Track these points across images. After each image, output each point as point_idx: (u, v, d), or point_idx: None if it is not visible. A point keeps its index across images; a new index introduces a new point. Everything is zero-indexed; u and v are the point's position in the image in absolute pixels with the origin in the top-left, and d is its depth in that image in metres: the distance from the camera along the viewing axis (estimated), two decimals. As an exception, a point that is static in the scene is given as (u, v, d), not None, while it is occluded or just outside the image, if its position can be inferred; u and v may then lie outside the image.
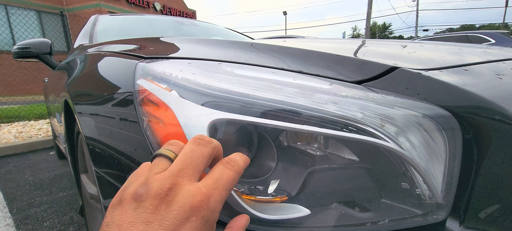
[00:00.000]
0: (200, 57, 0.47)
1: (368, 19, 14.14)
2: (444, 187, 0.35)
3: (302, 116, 0.34)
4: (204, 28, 2.08)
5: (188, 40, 0.69)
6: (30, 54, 1.55)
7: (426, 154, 0.34)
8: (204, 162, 0.26)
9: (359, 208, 0.36)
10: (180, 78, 0.38)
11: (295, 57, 0.46)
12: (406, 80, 0.37)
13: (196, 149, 0.26)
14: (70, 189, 2.00)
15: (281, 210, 0.34)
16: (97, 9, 11.42)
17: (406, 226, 0.35)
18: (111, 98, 0.49)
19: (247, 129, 0.36)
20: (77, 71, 0.85)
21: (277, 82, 0.37)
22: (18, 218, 1.60)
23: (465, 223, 0.35)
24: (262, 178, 0.37)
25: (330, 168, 0.37)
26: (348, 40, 0.82)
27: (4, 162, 2.74)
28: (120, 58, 0.57)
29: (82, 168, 0.98)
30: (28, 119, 4.69)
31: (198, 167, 0.25)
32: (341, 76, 0.39)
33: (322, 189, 0.37)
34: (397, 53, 0.55)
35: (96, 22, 1.66)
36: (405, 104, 0.35)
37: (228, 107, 0.34)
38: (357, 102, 0.34)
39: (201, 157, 0.26)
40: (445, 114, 0.34)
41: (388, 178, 0.36)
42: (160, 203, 0.21)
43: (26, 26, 9.55)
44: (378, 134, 0.33)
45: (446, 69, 0.41)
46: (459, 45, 0.73)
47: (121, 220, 0.21)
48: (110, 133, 0.47)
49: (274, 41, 0.67)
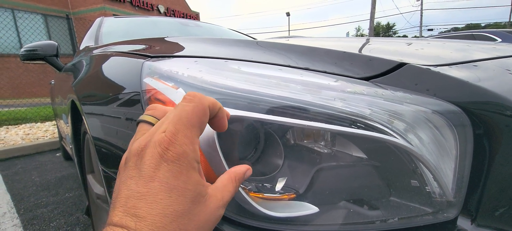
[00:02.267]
0: (206, 55, 0.47)
1: (372, 19, 14.06)
2: (455, 185, 0.34)
3: (310, 113, 0.33)
4: (208, 29, 2.09)
5: (193, 40, 0.69)
6: (37, 56, 1.57)
7: (436, 151, 0.33)
8: (186, 116, 0.26)
9: (367, 206, 0.35)
10: (187, 76, 0.38)
11: (302, 55, 0.46)
12: (415, 76, 0.36)
13: (174, 111, 0.27)
14: (76, 189, 2.02)
15: (289, 207, 0.34)
16: (102, 12, 11.54)
17: (416, 224, 0.34)
18: (118, 97, 0.49)
19: (254, 126, 0.36)
20: (83, 72, 0.85)
21: (284, 79, 0.36)
22: (25, 218, 1.62)
23: (477, 221, 0.34)
24: (270, 175, 0.37)
25: (338, 166, 0.37)
26: (354, 38, 0.81)
27: (12, 163, 2.77)
28: (126, 57, 0.58)
29: (88, 168, 0.99)
30: (34, 120, 4.75)
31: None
32: (349, 72, 0.39)
33: (330, 187, 0.36)
34: (404, 51, 0.54)
35: (101, 24, 1.67)
36: (414, 100, 0.34)
37: (235, 104, 0.34)
38: (365, 99, 0.34)
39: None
40: (455, 110, 0.34)
41: (397, 175, 0.36)
42: (137, 159, 0.24)
43: (33, 30, 9.68)
44: (387, 130, 0.33)
45: (455, 65, 0.41)
46: (467, 42, 0.72)
47: (118, 183, 0.24)
48: (117, 132, 0.47)
49: (280, 39, 0.67)
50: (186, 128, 0.25)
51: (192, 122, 0.25)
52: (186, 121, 0.25)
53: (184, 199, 0.23)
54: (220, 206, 0.26)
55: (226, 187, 0.28)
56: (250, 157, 0.38)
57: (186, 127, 0.25)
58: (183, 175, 0.23)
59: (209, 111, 0.27)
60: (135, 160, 0.24)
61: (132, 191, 0.22)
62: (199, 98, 0.27)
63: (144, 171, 0.23)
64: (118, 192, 0.23)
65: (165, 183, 0.22)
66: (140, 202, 0.22)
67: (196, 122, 0.26)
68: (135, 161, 0.24)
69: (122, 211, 0.21)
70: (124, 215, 0.21)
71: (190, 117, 0.25)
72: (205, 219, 0.24)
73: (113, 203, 0.23)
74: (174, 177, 0.23)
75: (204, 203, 0.25)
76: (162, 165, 0.23)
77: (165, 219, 0.21)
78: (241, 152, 0.37)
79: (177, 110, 0.26)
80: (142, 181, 0.23)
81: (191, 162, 0.24)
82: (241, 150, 0.36)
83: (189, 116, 0.25)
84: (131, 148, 0.25)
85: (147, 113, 0.30)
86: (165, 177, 0.23)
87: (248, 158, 0.38)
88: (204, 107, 0.27)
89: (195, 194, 0.24)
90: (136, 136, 0.28)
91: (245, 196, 0.32)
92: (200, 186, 0.25)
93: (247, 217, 0.33)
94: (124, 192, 0.23)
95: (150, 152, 0.24)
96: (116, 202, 0.22)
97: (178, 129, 0.24)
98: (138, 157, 0.24)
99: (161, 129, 0.25)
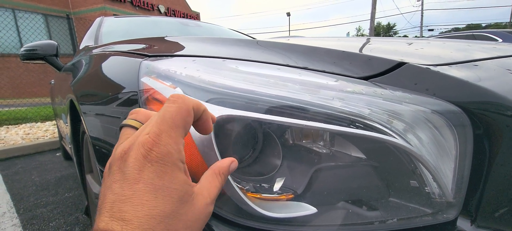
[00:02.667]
0: (204, 54, 0.47)
1: (372, 20, 14.05)
2: (454, 185, 0.34)
3: (308, 112, 0.33)
4: (209, 29, 2.09)
5: (192, 39, 0.69)
6: (37, 56, 1.57)
7: (436, 151, 0.33)
8: (170, 117, 0.26)
9: (366, 206, 0.35)
10: (185, 76, 0.38)
11: (301, 54, 0.46)
12: (414, 76, 0.36)
13: (158, 113, 0.27)
14: (76, 189, 2.02)
15: (287, 208, 0.33)
16: (103, 12, 11.55)
17: (415, 225, 0.34)
18: (115, 97, 0.49)
19: (252, 126, 0.36)
20: (82, 71, 0.85)
21: (282, 79, 0.36)
22: (25, 218, 1.62)
23: (477, 222, 0.34)
24: (268, 175, 0.37)
25: (336, 166, 0.37)
26: (354, 38, 0.81)
27: (12, 163, 2.78)
28: (124, 57, 0.57)
29: (87, 168, 0.98)
30: (35, 120, 4.76)
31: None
32: (348, 72, 0.39)
33: (328, 187, 0.36)
34: (404, 50, 0.54)
35: (101, 24, 1.67)
36: (413, 100, 0.34)
37: (233, 104, 0.34)
38: (364, 98, 0.34)
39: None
40: (455, 110, 0.33)
41: (396, 176, 0.35)
42: (121, 162, 0.24)
43: (33, 30, 9.70)
44: (386, 130, 0.32)
45: (455, 64, 0.40)
46: (467, 41, 0.72)
47: (104, 189, 0.24)
48: (115, 132, 0.47)
49: (279, 39, 0.66)
50: (170, 128, 0.25)
51: (176, 122, 0.25)
52: (170, 121, 0.25)
53: (170, 199, 0.23)
54: (208, 202, 0.26)
55: (212, 182, 0.28)
56: (248, 157, 0.37)
57: (170, 127, 0.25)
58: (168, 175, 0.23)
59: (193, 113, 0.27)
60: (119, 163, 0.24)
61: (117, 195, 0.22)
62: (183, 99, 0.27)
63: (128, 173, 0.23)
64: (103, 198, 0.23)
65: (150, 184, 0.22)
66: (125, 205, 0.21)
67: (180, 122, 0.25)
68: (119, 165, 0.24)
69: (108, 216, 0.21)
70: (110, 220, 0.21)
71: (174, 117, 0.25)
72: (193, 217, 0.24)
73: (99, 209, 0.22)
74: (159, 178, 0.23)
75: (191, 202, 0.24)
76: (146, 166, 0.23)
77: (152, 221, 0.21)
78: (239, 152, 0.37)
79: (161, 112, 0.26)
80: (126, 183, 0.22)
81: (175, 162, 0.24)
82: (238, 150, 0.36)
83: (173, 116, 0.25)
84: (115, 153, 0.25)
85: (130, 117, 0.30)
86: (150, 178, 0.22)
87: (246, 158, 0.38)
88: (188, 108, 0.26)
89: (182, 193, 0.24)
90: (120, 140, 0.27)
91: (242, 196, 0.31)
92: (186, 185, 0.25)
93: (244, 218, 0.33)
94: (109, 197, 0.22)
95: (134, 154, 0.23)
96: (101, 207, 0.22)
97: (161, 129, 0.24)
98: (121, 160, 0.24)
99: (145, 131, 0.25)
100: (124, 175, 0.23)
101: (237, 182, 0.33)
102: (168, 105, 0.26)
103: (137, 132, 0.26)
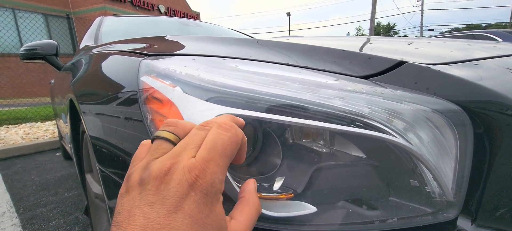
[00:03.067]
0: (204, 53, 0.47)
1: (372, 20, 14.05)
2: (455, 184, 0.33)
3: (308, 111, 0.33)
4: (209, 29, 2.09)
5: (192, 38, 0.69)
6: (37, 55, 1.57)
7: (436, 150, 0.33)
8: (222, 145, 0.24)
9: (366, 206, 0.35)
10: (184, 75, 0.38)
11: (301, 53, 0.45)
12: (414, 75, 0.36)
13: (200, 133, 0.25)
14: (76, 189, 2.02)
15: (287, 207, 0.33)
16: (103, 12, 11.55)
17: (416, 224, 0.34)
18: (115, 96, 0.49)
19: (252, 125, 0.36)
20: (82, 71, 0.85)
21: (282, 78, 0.36)
22: (25, 218, 1.62)
23: (477, 221, 0.34)
24: (267, 175, 0.36)
25: (336, 165, 0.37)
26: (354, 37, 0.81)
27: (12, 163, 2.77)
28: (124, 56, 0.57)
29: (87, 167, 0.98)
30: (35, 120, 4.76)
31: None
32: (348, 71, 0.39)
33: (328, 187, 0.36)
34: (404, 49, 0.54)
35: (101, 23, 1.67)
36: (414, 99, 0.34)
37: (232, 102, 0.34)
38: (364, 97, 0.33)
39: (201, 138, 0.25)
40: (455, 109, 0.33)
41: (397, 175, 0.35)
42: (160, 183, 0.21)
43: (33, 29, 9.70)
44: (386, 129, 0.32)
45: (455, 63, 0.40)
46: (467, 41, 0.72)
47: (130, 206, 0.21)
48: (115, 131, 0.47)
49: (279, 38, 0.66)
50: (220, 157, 0.23)
51: (226, 152, 0.24)
52: (221, 150, 0.24)
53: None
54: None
55: (248, 215, 0.26)
56: (248, 156, 0.37)
57: (220, 156, 0.23)
58: (207, 208, 0.22)
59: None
60: (157, 184, 0.21)
61: (151, 221, 0.20)
62: (236, 130, 0.26)
63: (169, 199, 0.21)
64: (130, 217, 0.20)
65: (188, 216, 0.20)
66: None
67: (229, 153, 0.24)
68: (157, 186, 0.21)
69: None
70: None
71: (225, 146, 0.24)
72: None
73: (123, 227, 0.20)
74: (198, 210, 0.21)
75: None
76: (190, 194, 0.21)
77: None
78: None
79: (212, 137, 0.24)
80: (164, 210, 0.20)
81: (217, 194, 0.23)
82: (238, 149, 0.35)
83: (224, 145, 0.24)
84: (151, 169, 0.23)
85: (166, 129, 0.27)
86: (190, 209, 0.21)
87: (246, 157, 0.37)
88: (238, 139, 0.26)
89: (216, 229, 0.22)
90: (154, 154, 0.24)
91: (242, 195, 0.31)
92: (222, 220, 0.23)
93: (244, 217, 0.33)
94: (140, 220, 0.20)
95: (178, 178, 0.21)
96: (127, 228, 0.20)
97: (211, 157, 0.23)
98: (161, 181, 0.21)
99: (189, 153, 0.23)
100: (163, 199, 0.21)
101: (236, 181, 0.33)
102: (220, 132, 0.25)
103: (177, 149, 0.24)
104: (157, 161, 0.23)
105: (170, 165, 0.22)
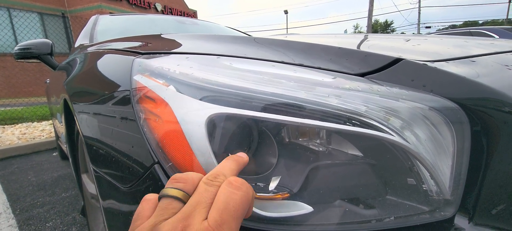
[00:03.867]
0: (198, 52, 0.46)
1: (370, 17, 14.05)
2: (452, 183, 0.33)
3: (304, 110, 0.32)
4: (205, 27, 2.08)
5: (188, 37, 0.68)
6: (31, 55, 1.55)
7: (433, 148, 0.33)
8: (234, 206, 0.24)
9: (363, 205, 0.34)
10: (178, 73, 0.37)
11: (297, 51, 0.45)
12: (411, 72, 0.36)
13: (210, 189, 0.24)
14: (73, 189, 2.00)
15: (283, 207, 0.33)
16: (99, 10, 11.46)
17: (413, 223, 0.33)
18: (108, 95, 0.48)
19: (247, 124, 0.35)
20: (75, 70, 0.84)
21: (277, 76, 0.35)
22: (21, 219, 1.61)
23: (475, 219, 0.33)
24: (263, 174, 0.36)
25: (333, 164, 0.36)
26: (351, 35, 0.80)
27: (8, 163, 2.75)
28: (117, 55, 0.56)
29: (83, 168, 0.97)
30: (31, 120, 4.72)
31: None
32: (344, 69, 0.38)
33: (325, 186, 0.36)
34: (401, 47, 0.54)
35: (96, 22, 1.65)
36: (410, 97, 0.33)
37: (226, 101, 0.33)
38: (360, 95, 0.33)
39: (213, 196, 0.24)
40: (452, 106, 0.33)
41: (394, 173, 0.35)
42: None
43: (28, 28, 9.61)
44: (383, 128, 0.32)
45: (452, 60, 0.40)
46: (464, 38, 0.72)
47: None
48: (108, 131, 0.46)
49: (275, 36, 0.66)
50: (233, 219, 0.23)
51: (239, 213, 0.23)
52: (233, 211, 0.23)
53: None
54: None
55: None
56: (243, 156, 0.37)
57: (233, 218, 0.23)
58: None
59: None
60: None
61: None
62: (247, 187, 0.25)
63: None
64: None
65: None
66: None
67: (241, 213, 0.24)
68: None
69: None
70: None
71: (237, 207, 0.23)
72: None
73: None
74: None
75: None
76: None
77: None
78: (233, 151, 0.36)
79: (223, 196, 0.23)
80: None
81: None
82: (233, 148, 0.35)
83: (236, 206, 0.23)
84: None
85: (174, 186, 0.25)
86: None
87: (241, 156, 0.37)
88: (249, 197, 0.25)
89: None
90: (163, 214, 0.23)
91: (237, 196, 0.31)
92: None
93: (239, 218, 0.32)
94: None
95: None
96: None
97: (224, 219, 0.22)
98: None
99: (201, 214, 0.22)
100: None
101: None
102: (232, 192, 0.24)
103: (188, 209, 0.23)
104: (167, 223, 0.22)
105: (181, 228, 0.21)
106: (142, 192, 0.37)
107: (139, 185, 0.37)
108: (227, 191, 0.24)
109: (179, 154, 0.33)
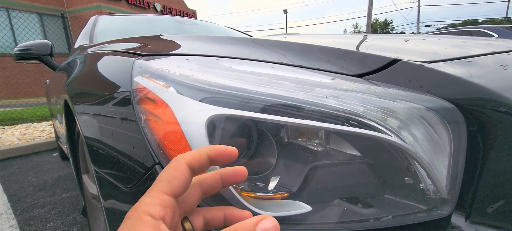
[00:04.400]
0: (198, 53, 0.46)
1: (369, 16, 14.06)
2: (449, 182, 0.34)
3: (302, 111, 0.33)
4: (205, 27, 2.08)
5: (187, 37, 0.69)
6: (31, 56, 1.55)
7: (430, 148, 0.33)
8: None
9: (361, 204, 0.35)
10: (178, 75, 0.38)
11: (295, 52, 0.45)
12: (408, 73, 0.36)
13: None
14: (73, 190, 2.01)
15: (282, 207, 0.33)
16: (98, 11, 11.45)
17: (410, 222, 0.34)
18: (108, 96, 0.48)
19: (247, 125, 0.36)
20: (76, 71, 0.84)
21: (276, 77, 0.36)
22: (22, 219, 1.61)
23: (471, 218, 0.34)
24: (262, 174, 0.36)
25: (331, 164, 0.37)
26: (349, 35, 0.81)
27: (8, 164, 2.76)
28: (118, 56, 0.57)
29: (83, 168, 0.98)
30: (31, 121, 4.72)
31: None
32: (342, 70, 0.38)
33: (323, 185, 0.36)
34: (399, 47, 0.54)
35: (96, 23, 1.65)
36: (407, 97, 0.34)
37: (226, 103, 0.34)
38: (358, 96, 0.33)
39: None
40: (449, 107, 0.33)
41: (391, 173, 0.35)
42: None
43: (28, 29, 9.60)
44: (380, 128, 0.32)
45: (449, 61, 0.40)
46: (462, 38, 0.72)
47: None
48: (109, 132, 0.47)
49: (274, 36, 0.66)
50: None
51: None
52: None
53: None
54: None
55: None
56: (243, 156, 0.37)
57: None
58: None
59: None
60: None
61: None
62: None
63: None
64: None
65: None
66: None
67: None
68: None
69: None
70: None
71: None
72: None
73: None
74: None
75: None
76: None
77: None
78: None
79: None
80: None
81: None
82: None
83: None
84: None
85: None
86: None
87: (241, 157, 0.37)
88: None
89: None
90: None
91: (237, 195, 0.31)
92: None
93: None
94: None
95: None
96: None
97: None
98: None
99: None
100: None
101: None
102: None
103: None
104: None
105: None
106: (143, 192, 0.37)
107: (140, 185, 0.38)
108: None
109: (177, 154, 0.33)
